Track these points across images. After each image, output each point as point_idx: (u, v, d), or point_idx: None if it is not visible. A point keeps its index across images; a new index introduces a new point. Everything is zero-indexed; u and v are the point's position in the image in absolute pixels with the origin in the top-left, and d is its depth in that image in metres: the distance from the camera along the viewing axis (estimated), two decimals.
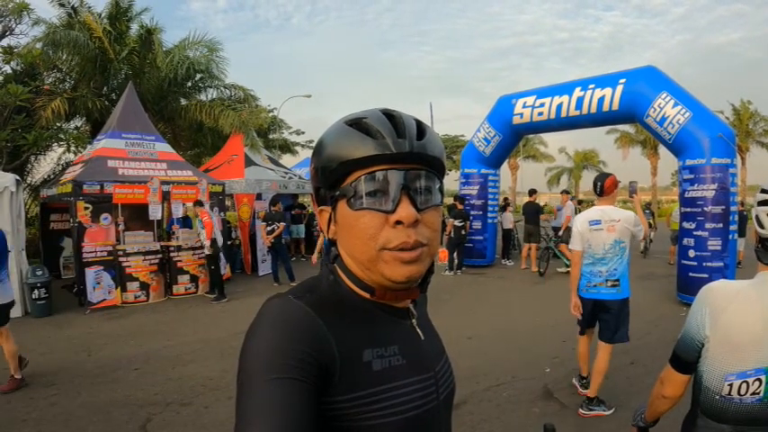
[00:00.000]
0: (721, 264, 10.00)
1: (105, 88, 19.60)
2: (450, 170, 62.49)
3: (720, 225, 9.98)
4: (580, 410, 5.41)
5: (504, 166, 17.29)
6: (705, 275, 9.73)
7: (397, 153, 1.00)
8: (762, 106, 43.10)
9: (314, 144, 1.48)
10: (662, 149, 43.64)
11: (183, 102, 21.44)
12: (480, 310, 10.23)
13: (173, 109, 20.65)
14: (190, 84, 21.25)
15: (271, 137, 35.86)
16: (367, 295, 1.10)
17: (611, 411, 5.34)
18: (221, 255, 12.35)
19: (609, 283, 5.39)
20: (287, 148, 40.71)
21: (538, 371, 6.63)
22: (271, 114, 36.45)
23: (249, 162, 16.53)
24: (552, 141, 55.96)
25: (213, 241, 11.62)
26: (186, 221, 13.35)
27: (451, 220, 14.71)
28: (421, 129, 1.07)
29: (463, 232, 14.49)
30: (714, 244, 9.96)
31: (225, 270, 13.37)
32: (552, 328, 8.62)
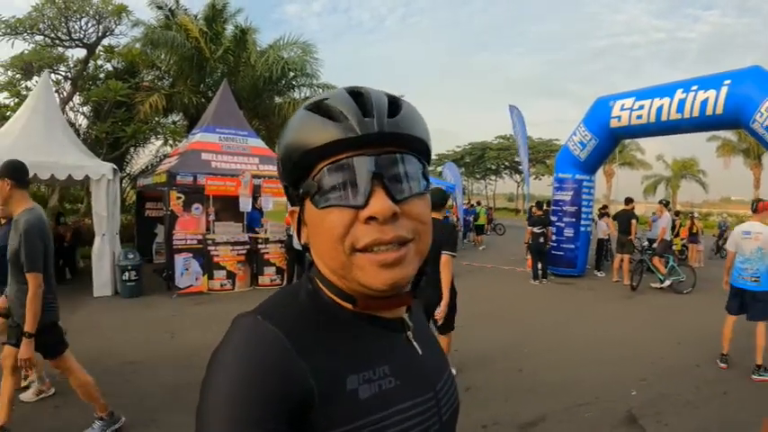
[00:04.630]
0: None
1: (202, 85, 20.34)
2: (543, 175, 61.78)
3: None
4: (752, 376, 6.76)
5: (599, 173, 16.75)
6: None
7: (365, 135, 0.85)
8: None
9: None
10: (766, 160, 43.08)
11: (278, 100, 21.92)
12: (566, 323, 9.74)
13: (267, 106, 21.15)
14: (284, 82, 21.67)
15: None
16: (350, 306, 0.94)
17: None
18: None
19: (752, 279, 6.90)
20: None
21: (623, 392, 6.19)
22: None
23: None
24: (649, 148, 54.43)
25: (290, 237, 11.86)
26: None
27: (530, 227, 14.30)
28: (395, 104, 0.91)
29: (542, 239, 14.00)
30: None
31: None
32: (641, 348, 8.12)
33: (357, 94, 0.89)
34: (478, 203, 30.23)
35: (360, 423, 0.84)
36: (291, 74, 21.45)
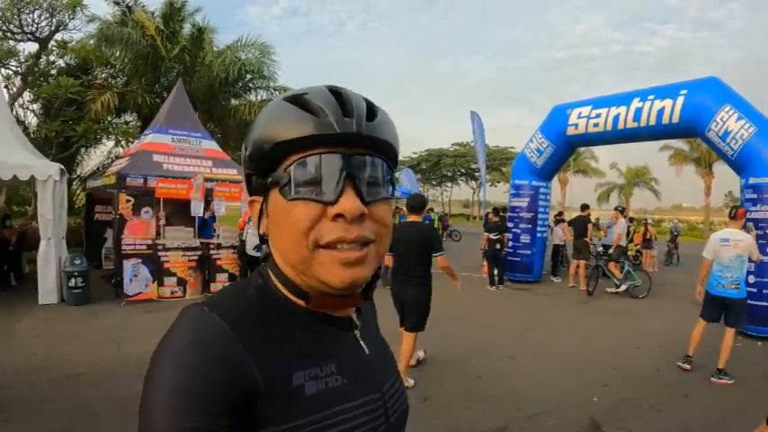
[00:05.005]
0: None
1: (156, 85, 20.01)
2: (499, 182, 62.44)
3: None
4: (712, 378, 6.87)
5: (554, 181, 16.87)
6: (764, 304, 9.15)
7: (343, 134, 0.85)
8: None
9: None
10: (717, 168, 44.35)
11: (234, 102, 21.69)
12: (523, 329, 9.68)
13: (222, 108, 20.91)
14: (240, 84, 21.43)
15: None
16: (302, 303, 0.93)
17: (732, 381, 6.76)
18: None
19: (732, 286, 6.89)
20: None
21: (585, 399, 6.14)
22: None
23: None
24: (603, 157, 55.69)
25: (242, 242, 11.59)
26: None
27: (487, 234, 14.32)
28: (372, 109, 0.92)
29: (499, 246, 14.05)
30: None
31: None
32: (601, 353, 8.11)
33: (337, 93, 0.89)
34: (431, 210, 30.31)
35: (305, 420, 0.83)
36: (248, 76, 21.23)
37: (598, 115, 13.27)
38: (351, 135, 0.85)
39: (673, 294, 13.76)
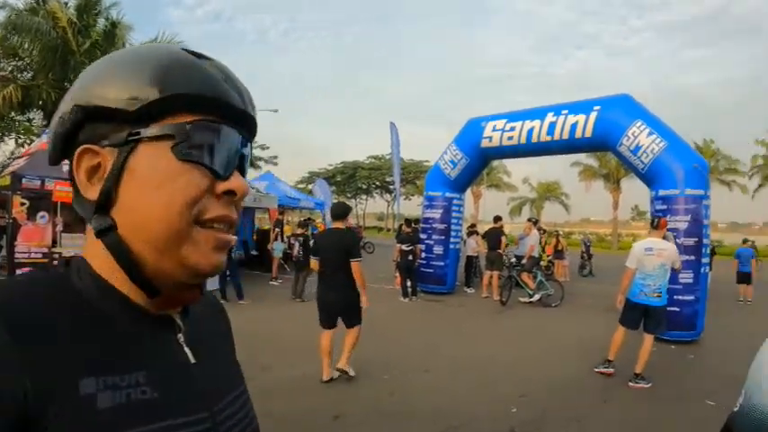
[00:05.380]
0: (692, 297, 9.77)
1: (65, 81, 19.01)
2: (413, 195, 62.80)
3: (693, 257, 9.73)
4: (629, 383, 6.95)
5: (467, 194, 16.98)
6: (676, 309, 9.39)
7: (243, 111, 0.80)
8: (723, 146, 45.31)
9: (277, 160, 1.03)
10: (624, 184, 46.20)
11: None
12: (437, 341, 9.50)
13: None
14: None
15: None
16: (124, 293, 0.77)
17: (649, 384, 6.91)
18: None
19: (655, 294, 7.03)
20: (250, 162, 40.22)
21: (503, 411, 5.99)
22: None
23: None
24: (516, 172, 57.04)
25: None
26: None
27: (399, 245, 14.24)
28: (250, 97, 0.85)
29: (411, 257, 13.99)
30: (686, 277, 9.60)
31: None
32: (517, 363, 8.05)
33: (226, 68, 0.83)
34: (351, 224, 30.12)
35: None
36: None
37: (513, 128, 13.37)
38: (247, 115, 0.81)
39: (585, 303, 14.10)
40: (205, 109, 0.75)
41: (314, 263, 6.89)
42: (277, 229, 16.65)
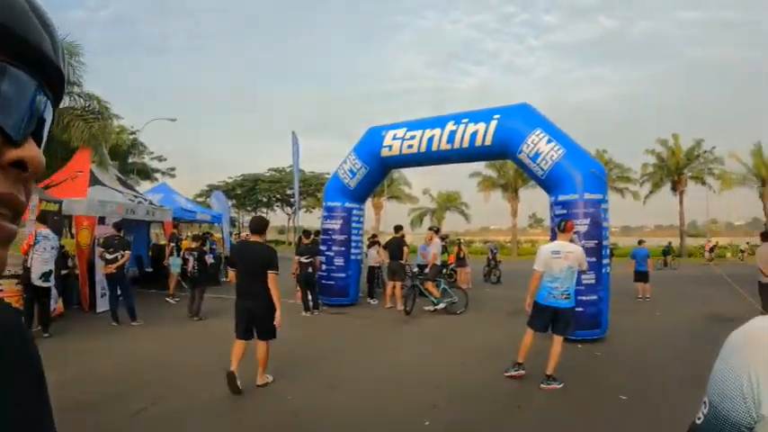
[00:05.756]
0: (596, 297, 10.00)
1: None
2: (314, 208, 62.46)
3: (594, 259, 9.82)
4: (541, 385, 6.88)
5: (368, 206, 16.80)
6: (581, 309, 9.40)
7: (58, 68, 0.62)
8: (616, 156, 48.01)
9: (175, 172, 0.73)
10: (522, 193, 48.16)
11: None
12: (342, 356, 9.20)
13: None
14: None
15: (130, 161, 34.37)
16: None
17: (561, 385, 6.87)
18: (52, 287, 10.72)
19: (563, 296, 7.04)
20: (146, 173, 38.74)
21: (415, 424, 5.71)
22: (132, 137, 34.77)
23: (95, 181, 14.78)
24: (416, 183, 57.72)
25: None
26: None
27: (298, 257, 13.85)
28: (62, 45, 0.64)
29: (311, 269, 13.65)
30: (588, 278, 9.75)
31: (56, 304, 11.73)
32: (426, 373, 7.85)
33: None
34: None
35: None
36: None
37: (413, 137, 13.34)
38: (55, 68, 0.61)
39: (489, 308, 14.23)
40: (25, 54, 0.57)
41: (231, 274, 7.23)
42: (172, 244, 16.00)
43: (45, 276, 10.09)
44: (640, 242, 19.10)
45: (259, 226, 7.19)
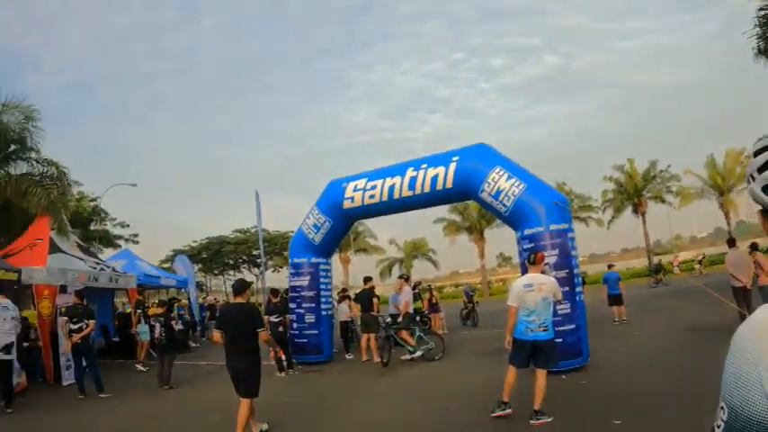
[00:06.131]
0: (573, 326, 9.99)
1: None
2: (281, 267, 61.88)
3: (567, 288, 9.77)
4: (531, 421, 6.72)
5: (336, 260, 16.69)
6: (560, 339, 9.19)
7: None
8: (575, 187, 48.85)
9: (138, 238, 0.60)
10: (487, 234, 48.54)
11: None
12: (319, 414, 8.88)
13: None
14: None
15: (92, 228, 33.78)
16: None
17: (551, 419, 6.72)
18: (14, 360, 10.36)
19: (541, 328, 6.93)
20: (108, 240, 37.93)
21: None
22: (93, 203, 34.25)
23: (55, 248, 14.51)
24: (381, 234, 57.75)
25: None
26: None
27: (267, 316, 13.39)
28: None
29: (281, 328, 13.42)
30: (564, 307, 9.70)
31: (19, 378, 11.39)
32: (407, 424, 7.66)
33: None
34: (216, 300, 29.65)
35: None
36: (13, 146, 18.05)
37: (374, 187, 13.33)
38: None
39: (468, 350, 14.07)
40: None
41: (217, 335, 7.41)
42: (139, 311, 15.67)
43: (6, 349, 9.79)
44: (610, 266, 19.32)
45: (241, 288, 7.77)
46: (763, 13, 14.64)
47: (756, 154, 1.25)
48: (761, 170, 1.22)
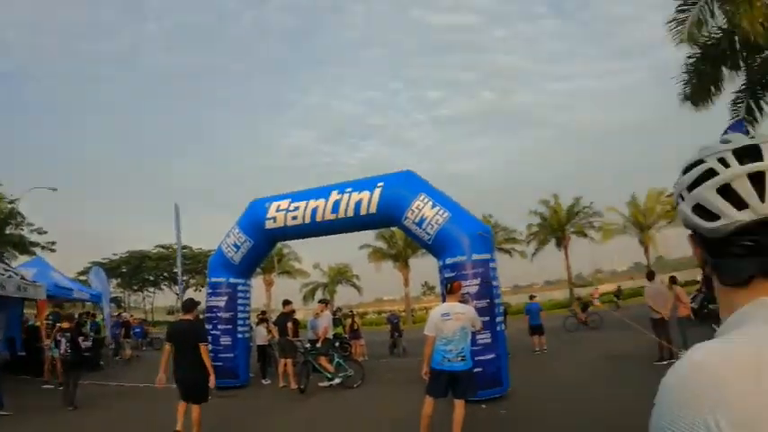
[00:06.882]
0: (493, 355, 10.02)
1: None
2: (203, 286, 60.66)
3: (488, 318, 9.81)
4: None
5: (259, 283, 16.35)
6: (480, 369, 9.26)
7: None
8: (501, 220, 49.81)
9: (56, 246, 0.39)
10: (412, 262, 48.95)
11: None
12: None
13: None
14: None
15: (8, 232, 32.34)
16: None
17: None
18: None
19: (458, 358, 6.82)
20: (23, 246, 36.22)
21: None
22: (11, 205, 32.77)
23: None
24: (306, 257, 57.42)
25: None
26: None
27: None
28: None
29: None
30: (484, 337, 9.75)
31: None
32: None
33: None
34: (132, 317, 28.92)
35: None
36: None
37: (297, 208, 13.18)
38: None
39: (387, 379, 14.01)
40: None
41: (167, 348, 8.19)
42: (56, 323, 14.93)
43: None
44: (532, 297, 19.84)
45: (190, 306, 8.71)
46: (691, 60, 15.14)
47: (685, 171, 1.08)
48: (690, 188, 1.05)
